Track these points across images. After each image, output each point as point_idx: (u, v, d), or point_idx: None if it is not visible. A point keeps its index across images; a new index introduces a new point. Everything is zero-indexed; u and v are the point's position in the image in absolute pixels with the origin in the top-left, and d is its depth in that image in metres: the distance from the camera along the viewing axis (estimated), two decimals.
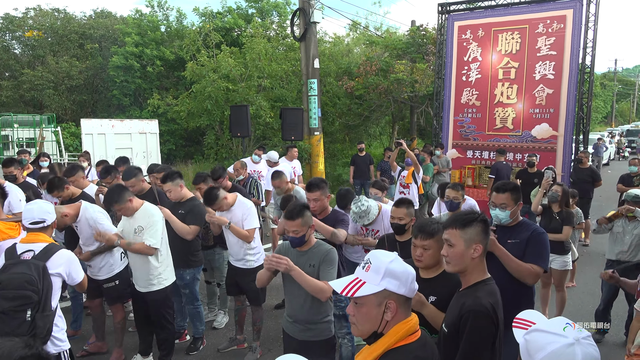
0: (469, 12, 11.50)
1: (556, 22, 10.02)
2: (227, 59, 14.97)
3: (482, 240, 2.39)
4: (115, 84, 20.24)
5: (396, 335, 1.78)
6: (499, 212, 3.38)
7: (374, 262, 1.81)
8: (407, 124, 21.21)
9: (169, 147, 19.37)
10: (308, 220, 3.32)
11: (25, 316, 3.06)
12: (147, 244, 4.28)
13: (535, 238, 3.27)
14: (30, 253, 3.23)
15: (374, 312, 1.79)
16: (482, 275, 2.42)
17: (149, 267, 4.39)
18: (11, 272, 3.12)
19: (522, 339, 1.64)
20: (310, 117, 13.70)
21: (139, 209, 4.38)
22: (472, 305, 2.27)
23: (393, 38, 19.59)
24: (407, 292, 1.80)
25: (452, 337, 2.32)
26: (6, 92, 20.15)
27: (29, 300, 3.07)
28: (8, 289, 3.06)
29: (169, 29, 22.41)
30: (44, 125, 14.55)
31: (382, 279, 1.77)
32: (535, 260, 3.21)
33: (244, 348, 5.16)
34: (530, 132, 10.53)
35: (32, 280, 3.09)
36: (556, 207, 5.77)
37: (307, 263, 3.32)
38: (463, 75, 11.34)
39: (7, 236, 3.64)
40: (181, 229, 4.79)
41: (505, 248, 3.24)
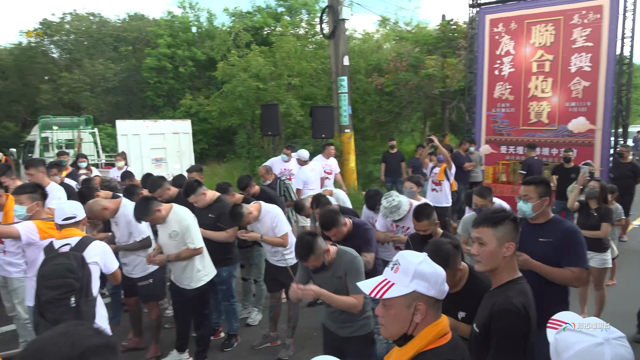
0: (500, 5, 11.29)
1: (592, 12, 9.73)
2: (257, 58, 15.11)
3: (514, 239, 2.35)
4: (148, 85, 20.67)
5: (426, 338, 1.77)
6: (522, 204, 3.34)
7: (402, 263, 1.79)
8: (438, 120, 20.96)
9: (201, 146, 19.67)
10: (320, 251, 3.28)
11: (69, 303, 3.24)
12: (192, 247, 4.41)
13: (569, 238, 3.19)
14: (67, 246, 3.42)
15: (403, 313, 1.77)
16: (513, 274, 2.38)
17: (188, 266, 4.51)
18: (52, 263, 3.30)
19: (553, 338, 1.62)
20: (341, 114, 13.69)
21: (170, 214, 4.48)
22: (503, 304, 2.23)
23: (423, 33, 19.37)
24: (437, 294, 1.78)
25: (483, 338, 2.29)
26: (46, 96, 20.81)
27: (71, 287, 3.25)
28: (51, 279, 3.24)
29: (200, 29, 22.73)
30: (82, 127, 14.95)
31: (411, 280, 1.75)
32: (575, 262, 3.13)
33: (277, 345, 5.21)
34: (566, 127, 10.27)
35: (72, 268, 3.27)
36: (594, 204, 5.62)
37: (333, 276, 3.34)
38: (495, 70, 11.14)
39: (48, 235, 3.77)
40: (220, 238, 4.91)
41: (537, 247, 3.18)
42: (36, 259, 3.81)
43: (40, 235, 3.75)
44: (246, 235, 4.84)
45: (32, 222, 3.78)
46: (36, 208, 3.92)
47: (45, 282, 3.24)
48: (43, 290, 3.25)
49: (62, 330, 1.14)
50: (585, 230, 5.47)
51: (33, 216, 3.92)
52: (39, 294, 3.27)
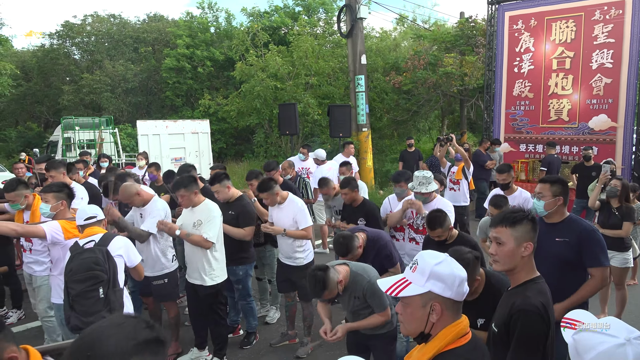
0: (520, 2, 11.17)
1: (614, 8, 9.59)
2: (274, 57, 15.18)
3: (532, 238, 2.34)
4: (168, 86, 20.91)
5: (446, 338, 1.77)
6: (535, 201, 3.40)
7: (420, 263, 1.81)
8: (457, 118, 20.82)
9: (219, 145, 19.84)
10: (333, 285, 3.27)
11: (98, 294, 3.37)
12: (205, 236, 4.43)
13: (586, 237, 3.19)
14: (91, 242, 3.55)
15: (419, 312, 1.79)
16: (532, 273, 2.37)
17: (204, 261, 4.55)
18: (79, 259, 3.43)
19: (571, 338, 1.62)
20: (358, 113, 13.69)
21: (200, 204, 4.57)
22: (523, 304, 2.23)
23: (441, 31, 19.25)
24: (454, 296, 1.78)
25: (502, 337, 2.29)
26: (68, 96, 21.19)
27: (99, 279, 3.38)
28: (79, 273, 3.37)
29: (218, 30, 22.92)
30: (103, 127, 15.22)
31: (427, 280, 1.77)
32: (595, 263, 3.15)
33: (295, 343, 5.25)
34: (587, 124, 10.13)
35: (98, 261, 3.40)
36: (615, 202, 5.54)
37: (350, 297, 3.39)
38: (515, 67, 11.04)
39: (72, 235, 3.86)
40: (238, 234, 4.93)
41: (554, 247, 3.21)
42: (60, 258, 3.91)
43: (64, 235, 3.83)
44: (270, 229, 4.87)
45: (57, 221, 3.87)
46: (60, 207, 4.00)
47: (74, 276, 3.37)
48: (72, 284, 3.37)
49: (116, 322, 1.16)
50: (606, 229, 5.45)
51: (57, 215, 4.01)
52: (68, 288, 3.40)
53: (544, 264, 3.09)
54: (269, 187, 4.85)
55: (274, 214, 5.02)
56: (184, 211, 4.75)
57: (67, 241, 3.83)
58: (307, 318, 5.08)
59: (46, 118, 24.32)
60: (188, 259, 4.70)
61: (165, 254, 4.84)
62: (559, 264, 3.20)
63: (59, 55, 22.68)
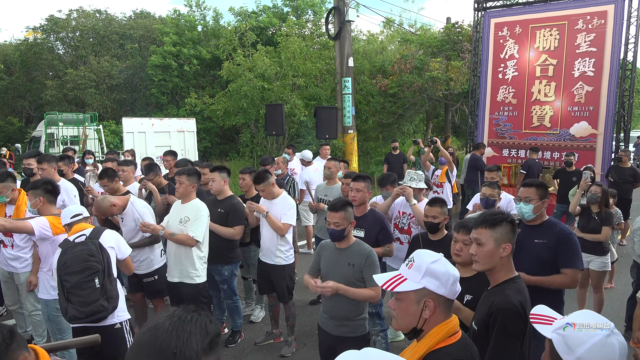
0: (505, 9, 11.36)
1: (596, 17, 9.81)
2: (262, 58, 15.18)
3: (511, 240, 2.43)
4: (153, 83, 20.75)
5: (436, 336, 1.84)
6: (523, 205, 3.45)
7: (416, 260, 1.88)
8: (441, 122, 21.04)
9: (205, 144, 19.75)
10: (350, 216, 3.41)
11: (94, 284, 3.38)
12: (191, 235, 4.44)
13: (563, 240, 3.31)
14: (82, 237, 3.55)
15: (412, 308, 1.86)
16: (510, 273, 2.45)
17: (187, 261, 4.55)
18: (72, 252, 3.43)
19: (555, 334, 1.69)
20: (344, 115, 13.77)
21: (191, 201, 4.60)
22: (501, 303, 2.31)
23: (428, 36, 19.46)
24: (447, 294, 1.85)
25: (482, 335, 2.37)
26: (51, 92, 20.89)
27: (94, 269, 3.40)
28: (73, 265, 3.38)
29: (205, 28, 22.81)
30: (87, 123, 15.06)
31: (423, 277, 1.84)
32: (569, 264, 3.26)
33: (280, 342, 5.29)
34: (568, 131, 10.34)
35: (92, 252, 3.43)
36: (595, 208, 5.69)
37: (345, 261, 3.41)
38: (499, 73, 11.22)
39: (61, 230, 3.86)
40: (227, 233, 4.96)
41: (532, 248, 3.31)
42: (49, 254, 3.90)
43: (52, 231, 3.82)
44: (254, 206, 4.88)
45: (44, 217, 3.86)
46: (39, 204, 3.99)
47: (68, 269, 3.38)
48: (66, 277, 3.37)
49: (184, 317, 1.15)
50: (586, 234, 5.59)
51: (41, 211, 4.00)
52: (62, 282, 3.40)
53: (524, 264, 3.21)
54: (264, 177, 4.92)
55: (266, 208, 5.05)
56: (174, 206, 4.76)
57: (55, 236, 3.82)
58: (289, 318, 5.12)
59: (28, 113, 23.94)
60: (169, 257, 4.70)
61: (153, 249, 4.85)
62: (537, 264, 3.32)
63: (43, 49, 22.33)
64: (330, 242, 3.59)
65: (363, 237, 4.35)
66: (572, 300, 5.90)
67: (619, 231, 7.49)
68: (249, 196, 5.61)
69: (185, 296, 4.62)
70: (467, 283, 2.91)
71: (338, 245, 3.48)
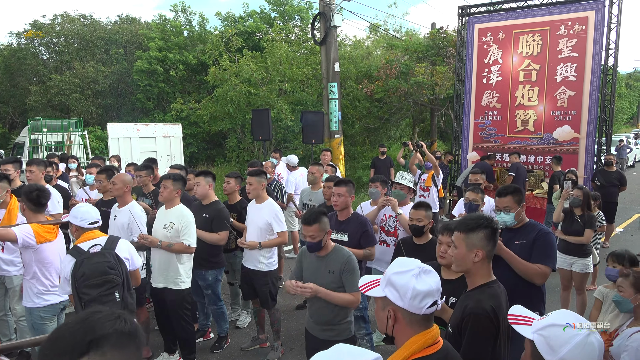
0: (489, 15, 11.50)
1: (578, 23, 9.97)
2: (248, 63, 15.19)
3: (485, 247, 2.42)
4: (139, 88, 20.63)
5: (412, 346, 1.81)
6: (504, 215, 3.48)
7: (387, 269, 1.90)
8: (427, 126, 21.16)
9: (191, 150, 19.67)
10: (325, 226, 3.41)
11: (115, 298, 3.37)
12: (186, 244, 4.49)
13: (541, 238, 3.36)
14: (97, 247, 3.50)
15: (380, 314, 1.90)
16: (487, 278, 2.47)
17: (171, 266, 4.55)
18: (91, 263, 3.38)
19: (537, 335, 1.72)
20: (331, 120, 13.81)
21: (176, 207, 4.60)
22: (473, 308, 2.34)
23: (413, 41, 19.59)
24: (408, 307, 1.79)
25: (456, 338, 2.40)
26: (35, 97, 20.67)
27: (114, 282, 3.39)
28: (93, 278, 3.34)
29: (191, 33, 22.75)
30: (72, 129, 14.92)
31: (385, 286, 1.85)
32: (542, 260, 3.30)
33: (266, 347, 5.28)
34: (551, 135, 10.48)
35: (112, 264, 3.42)
36: (578, 211, 5.78)
37: (326, 269, 3.42)
38: (483, 78, 11.34)
39: (44, 239, 3.81)
40: (212, 239, 4.96)
41: (513, 249, 3.33)
42: (31, 262, 3.85)
43: (36, 239, 3.78)
44: (246, 244, 4.88)
45: (29, 225, 3.81)
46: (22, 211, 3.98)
47: (87, 281, 3.33)
48: (85, 289, 3.32)
49: (82, 317, 1.16)
50: (568, 236, 5.67)
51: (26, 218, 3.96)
52: (79, 294, 3.34)
53: (504, 267, 3.25)
54: (260, 172, 5.00)
55: (251, 212, 5.05)
56: (158, 212, 4.75)
57: (38, 245, 3.78)
58: (274, 324, 5.12)
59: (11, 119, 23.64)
60: (153, 263, 4.68)
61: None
62: None
63: (27, 54, 22.08)
64: None
65: (347, 240, 4.37)
66: (556, 302, 5.97)
67: (602, 233, 7.60)
68: (232, 201, 5.61)
69: (169, 302, 4.60)
70: (451, 285, 2.94)
71: (318, 253, 3.50)
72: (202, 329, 5.54)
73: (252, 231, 4.96)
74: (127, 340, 1.16)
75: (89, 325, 1.13)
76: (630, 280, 3.17)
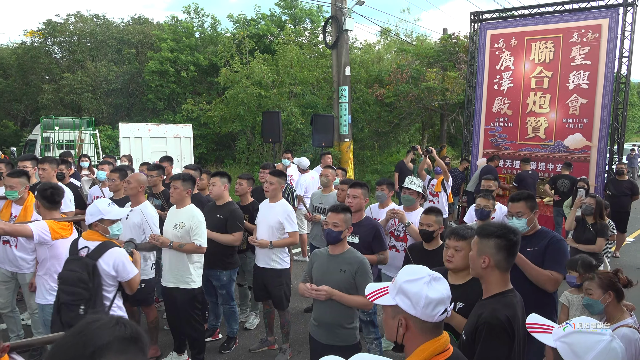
0: (501, 21, 11.48)
1: (591, 31, 9.92)
2: (260, 65, 15.25)
3: (494, 255, 2.43)
4: (150, 89, 20.76)
5: (422, 354, 1.80)
6: (516, 221, 3.47)
7: (397, 277, 1.88)
8: (437, 131, 21.15)
9: (200, 150, 19.75)
10: (349, 221, 3.48)
11: (79, 310, 3.33)
12: (197, 244, 4.51)
13: (553, 245, 3.35)
14: (85, 250, 3.49)
15: (389, 322, 1.87)
16: (502, 287, 2.46)
17: (182, 266, 4.57)
18: (68, 268, 3.40)
19: (560, 342, 1.73)
20: (341, 123, 13.83)
21: (186, 207, 4.63)
22: (488, 317, 2.33)
23: (424, 46, 19.58)
24: (420, 315, 1.78)
25: (470, 346, 2.39)
26: (47, 95, 20.85)
27: (81, 296, 3.34)
28: (66, 285, 3.36)
29: (203, 35, 22.88)
30: (83, 127, 15.02)
31: (396, 294, 1.83)
32: (554, 267, 3.29)
33: (274, 349, 5.29)
34: (562, 142, 10.43)
35: (83, 279, 3.36)
36: (590, 219, 5.75)
37: (337, 268, 3.42)
38: (495, 84, 11.31)
39: (60, 236, 3.84)
40: (226, 240, 5.00)
41: (525, 256, 3.32)
42: (46, 258, 3.89)
43: (52, 235, 3.81)
44: (257, 242, 4.91)
45: (44, 221, 3.85)
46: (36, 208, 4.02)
47: (62, 285, 3.38)
48: (60, 291, 3.38)
49: (80, 329, 1.15)
50: (580, 244, 5.64)
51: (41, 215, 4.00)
52: (58, 293, 3.40)
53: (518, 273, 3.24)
54: (282, 174, 5.09)
55: (263, 210, 5.06)
56: (169, 212, 4.78)
57: (54, 241, 3.81)
58: (284, 325, 5.12)
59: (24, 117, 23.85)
60: (163, 262, 4.71)
61: (146, 261, 4.85)
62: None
63: (40, 53, 22.28)
64: (324, 250, 3.61)
65: (357, 243, 4.38)
66: None
67: (612, 242, 7.54)
68: (244, 202, 5.63)
69: (179, 302, 4.62)
70: (458, 290, 2.93)
71: (332, 251, 3.50)
72: (211, 329, 5.56)
73: (263, 229, 4.98)
74: (128, 345, 1.15)
75: (87, 337, 1.12)
76: (597, 282, 3.20)
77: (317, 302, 3.50)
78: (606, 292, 3.16)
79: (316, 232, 5.99)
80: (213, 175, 5.25)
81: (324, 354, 3.41)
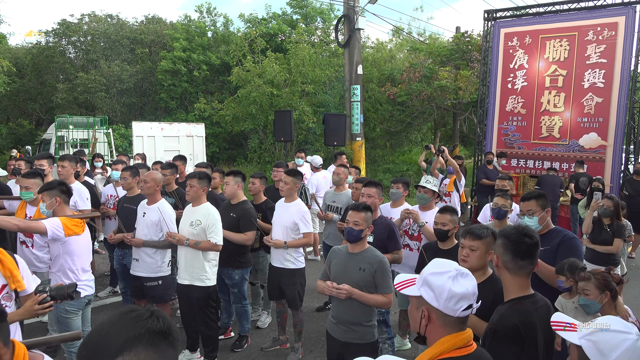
0: (515, 19, 11.37)
1: (607, 29, 9.80)
2: (272, 64, 15.28)
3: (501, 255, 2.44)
4: (163, 88, 20.91)
5: (442, 346, 1.81)
6: (527, 219, 3.48)
7: (425, 268, 1.90)
8: (449, 130, 21.04)
9: (212, 149, 19.85)
10: (369, 220, 3.49)
11: None
12: (213, 242, 4.54)
13: (565, 243, 3.34)
14: None
15: (414, 312, 1.90)
16: (519, 291, 2.42)
17: (197, 264, 4.59)
18: None
19: (585, 340, 1.71)
20: (353, 122, 13.79)
21: (202, 205, 4.65)
22: (495, 323, 2.32)
23: (437, 45, 19.49)
24: (442, 308, 1.79)
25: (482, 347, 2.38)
26: (61, 95, 21.09)
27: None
28: None
29: (215, 34, 22.98)
30: (97, 126, 15.17)
31: (421, 286, 1.86)
32: None
33: (286, 348, 5.28)
34: (577, 142, 10.32)
35: None
36: (607, 220, 5.68)
37: (357, 266, 3.42)
38: (508, 83, 11.21)
39: (73, 232, 3.87)
40: (239, 239, 5.01)
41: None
42: (59, 255, 3.91)
43: (65, 232, 3.83)
44: (271, 242, 4.91)
45: (58, 218, 3.87)
46: (55, 204, 4.01)
47: None
48: None
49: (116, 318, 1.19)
50: (597, 245, 5.57)
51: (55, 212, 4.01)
52: None
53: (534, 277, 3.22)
54: (297, 173, 5.06)
55: (279, 210, 5.07)
56: (185, 210, 4.81)
57: (67, 238, 3.84)
58: (297, 325, 5.11)
59: (38, 115, 24.15)
60: (179, 259, 4.73)
61: (163, 258, 4.87)
62: None
63: (55, 53, 22.55)
64: (342, 247, 3.60)
65: (371, 241, 4.36)
66: None
67: (629, 243, 7.44)
68: (257, 201, 5.63)
69: (194, 299, 4.64)
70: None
71: (351, 249, 3.50)
72: (224, 327, 5.57)
73: (278, 229, 4.98)
74: (160, 338, 1.18)
75: (121, 326, 1.16)
76: (593, 282, 3.21)
77: (336, 299, 3.50)
78: (603, 292, 3.18)
79: (329, 230, 5.97)
80: (227, 174, 5.27)
81: (341, 351, 3.45)
